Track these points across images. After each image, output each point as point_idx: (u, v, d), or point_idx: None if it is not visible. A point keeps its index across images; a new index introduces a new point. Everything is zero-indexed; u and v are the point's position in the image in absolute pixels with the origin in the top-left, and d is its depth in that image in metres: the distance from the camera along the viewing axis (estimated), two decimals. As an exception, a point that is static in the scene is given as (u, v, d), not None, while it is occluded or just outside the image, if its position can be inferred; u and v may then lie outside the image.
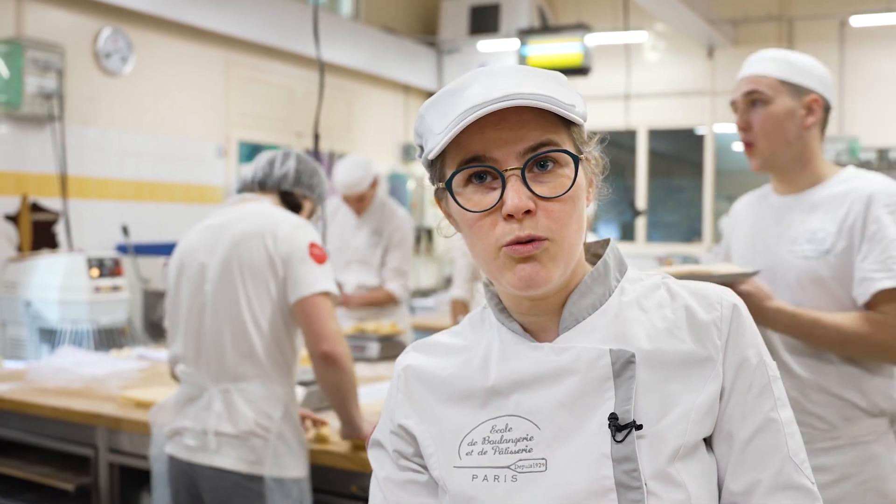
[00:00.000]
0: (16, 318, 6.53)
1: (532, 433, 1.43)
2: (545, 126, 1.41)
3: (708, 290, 1.51)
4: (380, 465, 1.58)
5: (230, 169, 8.84)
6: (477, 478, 1.44)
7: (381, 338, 5.27)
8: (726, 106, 8.77)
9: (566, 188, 1.40)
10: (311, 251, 3.20)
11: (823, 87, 3.13)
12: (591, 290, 1.49)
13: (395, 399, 1.58)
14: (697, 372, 1.43)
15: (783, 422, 1.46)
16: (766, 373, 1.47)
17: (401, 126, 11.69)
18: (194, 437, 3.20)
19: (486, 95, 1.38)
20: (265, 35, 8.73)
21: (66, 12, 7.19)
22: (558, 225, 1.39)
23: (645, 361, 1.43)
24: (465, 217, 1.44)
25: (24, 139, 6.79)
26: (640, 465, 1.37)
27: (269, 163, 3.46)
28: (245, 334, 3.17)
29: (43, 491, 4.25)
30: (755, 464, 1.43)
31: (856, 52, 10.44)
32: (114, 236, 7.48)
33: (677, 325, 1.46)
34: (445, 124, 1.41)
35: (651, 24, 11.22)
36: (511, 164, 1.39)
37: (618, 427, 1.38)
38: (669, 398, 1.41)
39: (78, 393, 4.28)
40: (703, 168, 11.36)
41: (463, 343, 1.58)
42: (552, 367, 1.44)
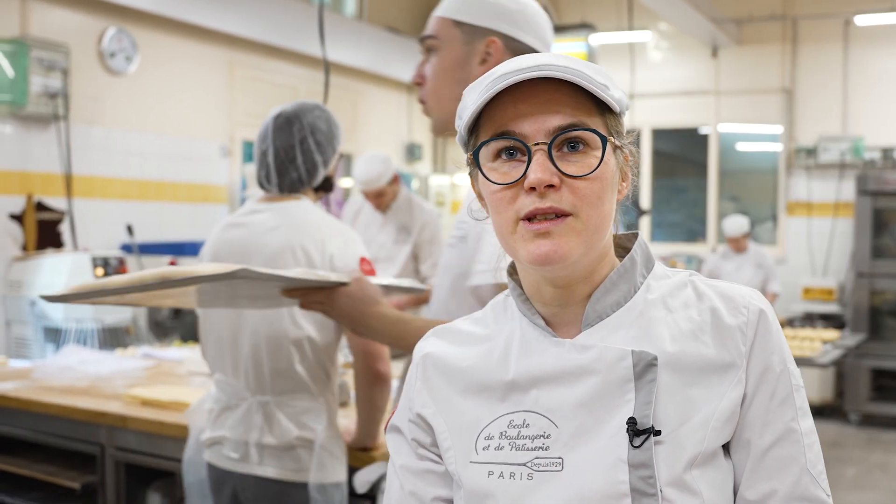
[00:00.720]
0: (21, 318, 6.55)
1: (549, 431, 1.41)
2: (578, 107, 1.40)
3: (735, 292, 1.48)
4: (397, 452, 1.57)
5: (234, 168, 8.84)
6: (493, 474, 1.42)
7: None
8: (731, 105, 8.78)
9: (593, 168, 1.38)
10: (361, 267, 3.08)
11: (505, 24, 2.45)
12: (617, 287, 1.47)
13: (414, 387, 1.56)
14: (720, 378, 1.41)
15: (803, 432, 1.44)
16: (789, 381, 1.45)
17: (404, 126, 11.68)
18: (234, 447, 3.14)
19: (517, 66, 1.39)
20: (269, 35, 8.73)
21: (70, 12, 7.20)
22: (584, 202, 1.38)
23: (667, 364, 1.40)
24: (489, 189, 1.43)
25: (29, 138, 6.79)
26: (657, 471, 1.35)
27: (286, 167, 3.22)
28: (286, 349, 3.09)
29: (49, 489, 4.25)
30: (772, 473, 1.41)
31: (860, 51, 10.44)
32: (118, 236, 7.49)
33: (702, 329, 1.44)
34: (478, 93, 1.42)
35: (655, 24, 11.21)
36: (539, 139, 1.38)
37: (636, 432, 1.36)
38: (690, 404, 1.39)
39: (83, 391, 4.28)
40: (707, 168, 11.35)
41: (484, 332, 1.56)
42: (573, 365, 1.42)
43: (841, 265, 10.45)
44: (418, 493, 1.52)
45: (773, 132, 10.98)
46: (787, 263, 10.72)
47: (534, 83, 1.39)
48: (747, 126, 11.26)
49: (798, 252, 10.73)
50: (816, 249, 10.59)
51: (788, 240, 10.83)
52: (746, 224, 9.18)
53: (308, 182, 3.25)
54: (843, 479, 7.51)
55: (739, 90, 11.04)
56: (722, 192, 11.41)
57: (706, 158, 11.35)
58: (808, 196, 10.68)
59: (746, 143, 11.63)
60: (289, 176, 3.23)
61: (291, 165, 3.22)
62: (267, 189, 3.28)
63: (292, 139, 3.22)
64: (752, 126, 11.23)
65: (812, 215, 10.64)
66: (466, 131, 1.48)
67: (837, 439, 9.07)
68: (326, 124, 3.27)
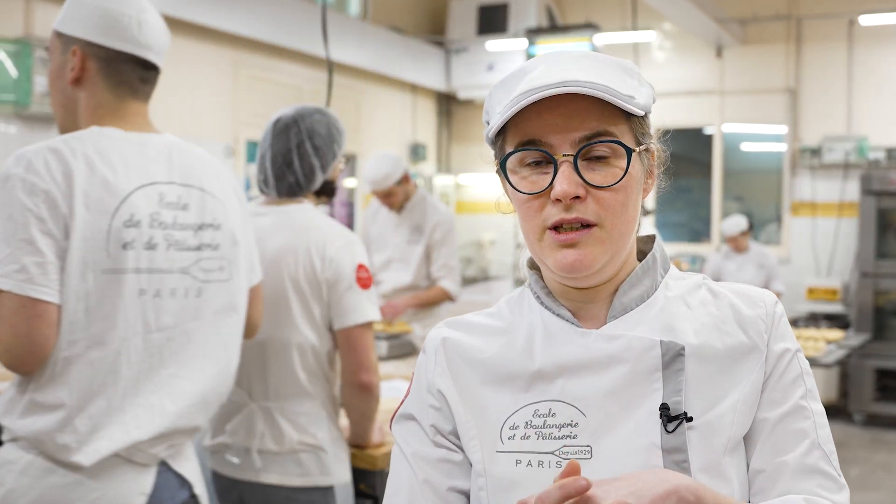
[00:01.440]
0: (25, 317, 6.53)
1: (577, 419, 1.43)
2: (603, 115, 1.42)
3: (750, 290, 1.54)
4: (407, 441, 1.55)
5: (239, 168, 8.84)
6: (521, 463, 1.43)
7: (390, 336, 5.26)
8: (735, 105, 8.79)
9: (618, 178, 1.41)
10: (357, 275, 3.12)
11: (91, 32, 2.46)
12: (641, 282, 1.51)
13: (434, 371, 1.55)
14: (743, 363, 1.45)
15: (814, 411, 1.46)
16: (799, 365, 1.49)
17: (409, 126, 11.68)
18: (237, 454, 3.15)
19: (544, 80, 1.40)
20: (273, 35, 8.73)
21: (74, 12, 7.19)
22: (608, 213, 1.41)
23: (693, 355, 1.43)
24: (516, 197, 1.46)
25: (33, 138, 6.79)
26: (690, 456, 1.37)
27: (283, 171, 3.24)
28: (288, 353, 3.10)
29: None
30: (783, 446, 1.43)
31: (864, 51, 10.42)
32: (122, 235, 7.47)
33: (724, 321, 1.48)
34: (505, 104, 1.43)
35: (659, 24, 11.20)
36: (565, 150, 1.40)
37: (669, 417, 1.38)
38: (717, 391, 1.42)
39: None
40: (711, 168, 11.34)
41: (501, 325, 1.57)
42: (601, 355, 1.44)
43: (845, 265, 10.43)
44: (433, 483, 1.51)
45: (777, 132, 10.96)
46: (791, 263, 10.71)
47: (559, 95, 1.39)
48: (751, 126, 11.25)
49: (802, 252, 10.72)
50: (821, 249, 10.58)
51: (793, 240, 10.81)
52: (744, 223, 9.18)
53: (306, 187, 3.26)
54: (847, 480, 7.46)
55: (743, 90, 11.02)
56: (726, 192, 11.40)
57: (710, 158, 11.34)
58: (813, 196, 10.66)
59: (750, 143, 11.62)
60: (286, 181, 3.24)
61: (289, 170, 3.23)
62: (266, 193, 3.30)
63: (289, 144, 3.24)
64: (756, 126, 11.21)
65: (816, 215, 10.62)
66: (493, 134, 1.50)
67: (841, 439, 9.05)
68: (326, 129, 3.27)
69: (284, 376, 3.11)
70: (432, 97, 12.17)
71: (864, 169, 10.05)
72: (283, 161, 3.24)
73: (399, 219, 6.03)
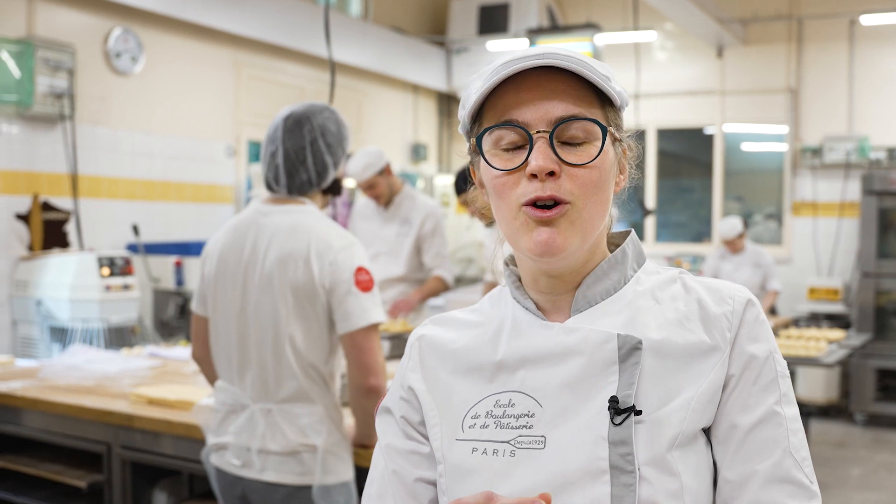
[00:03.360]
0: (27, 317, 6.56)
1: (534, 410, 1.45)
2: (580, 98, 1.44)
3: (722, 286, 1.52)
4: (384, 433, 1.60)
5: (240, 168, 8.85)
6: (476, 451, 1.46)
7: (392, 336, 5.27)
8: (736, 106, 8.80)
9: (593, 157, 1.42)
10: (356, 279, 3.10)
11: None
12: (607, 276, 1.51)
13: (407, 366, 1.61)
14: (703, 361, 1.44)
15: (787, 417, 1.45)
16: (774, 367, 1.47)
17: (410, 126, 11.69)
18: (238, 453, 3.16)
19: (521, 54, 1.42)
20: (274, 35, 8.74)
21: (76, 12, 7.21)
22: (581, 191, 1.42)
23: (652, 350, 1.44)
24: (491, 175, 1.46)
25: (36, 139, 6.81)
26: (636, 449, 1.37)
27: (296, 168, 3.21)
28: (286, 358, 3.10)
29: (55, 488, 4.27)
30: (753, 455, 1.42)
31: (866, 51, 10.43)
32: (124, 235, 7.50)
33: (688, 317, 1.48)
34: (482, 82, 1.45)
35: (660, 24, 11.20)
36: (540, 128, 1.41)
37: (617, 410, 1.39)
38: (673, 387, 1.42)
39: (90, 390, 4.29)
40: (712, 168, 11.34)
41: (479, 319, 1.60)
42: (560, 347, 1.46)
43: (846, 265, 10.44)
44: (401, 473, 1.55)
45: (778, 132, 10.97)
46: (792, 263, 10.71)
47: (537, 73, 1.43)
48: (752, 126, 11.25)
49: (803, 252, 10.72)
50: (822, 249, 10.58)
51: (794, 240, 10.82)
52: (740, 225, 9.16)
53: (317, 184, 3.25)
54: (848, 479, 7.50)
55: (745, 90, 11.03)
56: (727, 193, 11.40)
57: (711, 158, 11.35)
58: (814, 196, 10.67)
59: (751, 143, 11.62)
60: (298, 177, 3.22)
61: (301, 167, 3.21)
62: (275, 190, 3.27)
63: (303, 141, 3.21)
64: (757, 126, 11.22)
65: (817, 215, 10.63)
66: (470, 119, 1.52)
67: (843, 439, 9.06)
68: (336, 126, 3.27)
69: (284, 379, 3.11)
70: (433, 97, 12.18)
71: (865, 169, 10.06)
72: (297, 158, 3.21)
73: (387, 214, 6.23)
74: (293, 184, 3.23)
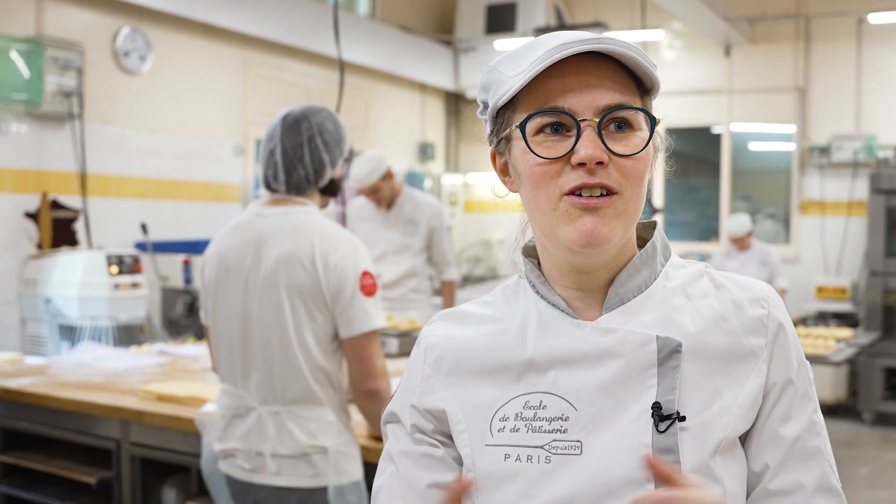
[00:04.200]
0: (36, 315, 6.58)
1: (568, 413, 1.39)
2: (625, 88, 1.40)
3: (753, 285, 1.49)
4: (395, 438, 1.54)
5: (248, 167, 8.86)
6: (510, 457, 1.40)
7: (401, 334, 5.28)
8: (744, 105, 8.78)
9: (640, 148, 1.38)
10: (361, 283, 3.11)
11: None
12: (639, 272, 1.46)
13: (422, 373, 1.53)
14: (741, 366, 1.41)
15: (821, 424, 1.45)
16: (807, 375, 1.46)
17: (417, 125, 11.70)
18: (247, 458, 3.16)
19: (572, 38, 1.36)
20: (282, 34, 8.74)
21: (85, 11, 7.23)
22: (629, 182, 1.37)
23: (690, 352, 1.40)
24: (531, 164, 1.40)
25: (45, 137, 6.82)
26: (682, 457, 1.34)
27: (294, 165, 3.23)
28: (295, 359, 3.10)
29: (65, 484, 4.28)
30: (799, 464, 1.41)
31: (874, 49, 10.41)
32: (133, 234, 7.51)
33: (724, 317, 1.44)
34: (524, 67, 1.38)
35: (668, 23, 11.19)
36: (588, 116, 1.36)
37: (661, 417, 1.35)
38: (713, 391, 1.39)
39: (99, 387, 4.31)
40: (719, 167, 11.33)
41: (495, 313, 1.53)
42: (596, 348, 1.40)
43: (854, 264, 10.43)
44: (413, 480, 1.48)
45: (786, 131, 10.95)
46: (800, 262, 10.70)
47: (582, 59, 1.37)
48: (760, 125, 11.24)
49: (811, 251, 10.70)
50: (830, 248, 10.57)
51: (802, 239, 10.80)
52: (749, 223, 9.15)
53: (315, 182, 3.25)
54: (857, 478, 7.50)
55: (752, 89, 11.02)
56: (735, 192, 11.39)
57: (719, 157, 11.33)
58: (822, 195, 10.65)
59: (759, 142, 11.61)
60: (296, 174, 3.23)
61: (299, 164, 3.23)
62: (274, 189, 3.28)
63: (300, 138, 3.23)
64: (765, 125, 11.20)
65: (825, 214, 10.61)
66: (503, 103, 1.45)
67: (851, 438, 9.05)
68: (334, 125, 3.30)
69: (292, 381, 3.11)
70: (441, 96, 12.18)
71: (873, 168, 10.05)
72: (294, 155, 3.23)
73: (389, 215, 6.42)
74: (291, 181, 3.24)
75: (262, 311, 3.13)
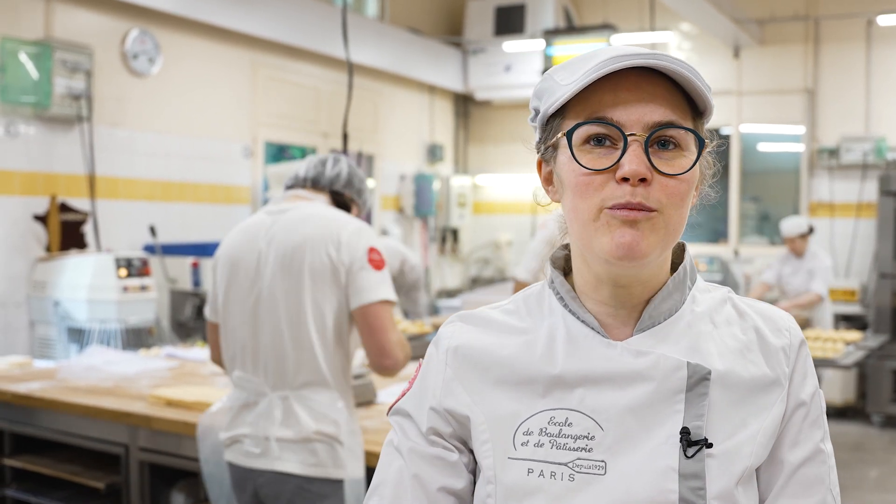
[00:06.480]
0: (45, 318, 6.58)
1: (594, 433, 1.38)
2: (676, 107, 1.39)
3: (775, 314, 1.50)
4: (404, 434, 1.51)
5: (257, 169, 8.86)
6: (533, 472, 1.39)
7: (411, 337, 5.29)
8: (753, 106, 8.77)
9: (686, 169, 1.37)
10: (370, 256, 3.18)
11: None
12: (671, 296, 1.46)
13: (443, 375, 1.51)
14: (765, 395, 1.42)
15: (828, 454, 1.46)
16: (819, 404, 1.47)
17: (426, 126, 11.69)
18: (255, 443, 3.20)
19: (629, 51, 1.35)
20: (291, 36, 8.75)
21: (94, 14, 7.23)
22: (670, 201, 1.36)
23: (718, 380, 1.40)
24: (574, 173, 1.38)
25: (53, 140, 6.83)
26: (707, 483, 1.34)
27: (322, 162, 3.43)
28: (308, 341, 3.15)
29: (74, 489, 4.29)
30: (800, 492, 1.42)
31: (883, 51, 10.38)
32: (141, 236, 7.52)
33: (748, 347, 1.45)
34: (577, 76, 1.37)
35: (677, 24, 11.19)
36: (636, 130, 1.35)
37: (689, 442, 1.35)
38: (738, 419, 1.39)
39: (108, 391, 4.31)
40: (728, 168, 11.31)
41: (520, 324, 1.51)
42: (627, 370, 1.40)
43: (863, 266, 10.40)
44: (423, 478, 1.47)
45: (795, 133, 10.93)
46: (809, 264, 10.68)
47: (636, 74, 1.37)
48: (769, 126, 11.22)
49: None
50: (839, 250, 10.54)
51: (811, 241, 10.77)
52: (802, 225, 8.83)
53: (332, 181, 3.42)
54: (865, 481, 7.47)
55: (761, 90, 11.00)
56: (744, 193, 11.38)
57: (728, 159, 11.31)
58: (831, 197, 10.63)
59: (768, 143, 11.59)
60: (326, 169, 3.43)
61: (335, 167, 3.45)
62: (293, 185, 3.43)
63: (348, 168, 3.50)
64: (774, 126, 11.18)
65: (834, 216, 10.60)
66: (553, 111, 1.44)
67: (860, 441, 9.03)
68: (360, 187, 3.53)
69: (303, 365, 3.17)
70: (450, 98, 12.18)
71: (882, 169, 10.02)
72: (321, 161, 3.45)
73: None
74: (318, 174, 3.43)
75: (277, 298, 3.19)
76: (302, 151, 9.73)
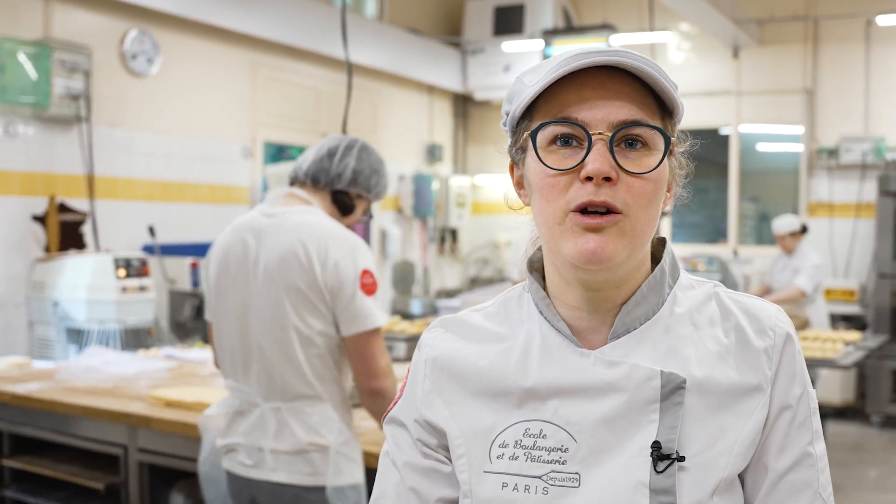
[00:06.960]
0: (44, 318, 6.58)
1: (567, 445, 1.37)
2: (643, 104, 1.36)
3: (761, 311, 1.46)
4: (398, 446, 1.52)
5: (256, 169, 8.86)
6: (507, 486, 1.39)
7: (409, 338, 5.28)
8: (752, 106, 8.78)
9: (651, 167, 1.35)
10: (362, 281, 3.13)
11: None
12: (647, 299, 1.43)
13: (422, 387, 1.51)
14: (745, 402, 1.38)
15: (817, 456, 1.42)
16: (808, 405, 1.43)
17: (425, 127, 11.69)
18: (248, 454, 3.18)
19: (590, 49, 1.34)
20: (290, 36, 8.75)
21: (92, 14, 7.23)
22: (636, 202, 1.33)
23: (694, 388, 1.37)
24: (540, 175, 1.37)
25: (52, 140, 6.82)
26: (679, 499, 1.32)
27: (330, 154, 3.34)
28: (295, 357, 3.12)
29: (72, 489, 4.28)
30: (786, 497, 1.39)
31: (882, 51, 10.38)
32: (140, 237, 7.52)
33: (728, 351, 1.41)
34: (541, 76, 1.36)
35: (676, 24, 11.18)
36: (601, 129, 1.33)
37: (660, 456, 1.33)
38: (715, 429, 1.36)
39: (107, 392, 4.31)
40: (728, 168, 11.31)
41: (499, 330, 1.50)
42: (599, 381, 1.38)
43: (862, 266, 10.40)
44: (420, 492, 1.48)
45: (794, 133, 10.93)
46: (808, 264, 10.68)
47: (601, 73, 1.35)
48: (768, 126, 11.22)
49: (819, 253, 10.67)
50: (838, 250, 10.54)
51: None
52: (791, 223, 8.91)
53: (333, 181, 3.33)
54: (865, 481, 7.47)
55: (761, 90, 10.99)
56: (743, 193, 11.37)
57: (727, 159, 11.31)
58: (830, 197, 10.63)
59: (767, 143, 11.59)
60: (324, 165, 3.34)
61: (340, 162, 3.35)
62: (292, 181, 3.37)
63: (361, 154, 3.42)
64: (773, 126, 11.18)
65: (833, 216, 10.59)
66: (521, 114, 1.43)
67: (859, 441, 9.03)
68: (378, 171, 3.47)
69: (293, 378, 3.13)
70: (449, 98, 12.17)
71: (881, 170, 10.02)
72: (329, 153, 3.36)
73: None
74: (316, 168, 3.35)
75: (261, 308, 3.16)
76: (301, 152, 9.71)
